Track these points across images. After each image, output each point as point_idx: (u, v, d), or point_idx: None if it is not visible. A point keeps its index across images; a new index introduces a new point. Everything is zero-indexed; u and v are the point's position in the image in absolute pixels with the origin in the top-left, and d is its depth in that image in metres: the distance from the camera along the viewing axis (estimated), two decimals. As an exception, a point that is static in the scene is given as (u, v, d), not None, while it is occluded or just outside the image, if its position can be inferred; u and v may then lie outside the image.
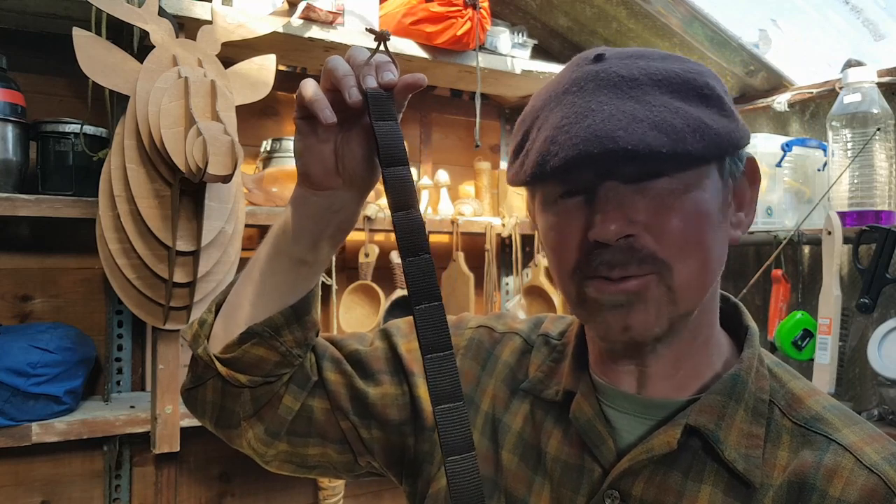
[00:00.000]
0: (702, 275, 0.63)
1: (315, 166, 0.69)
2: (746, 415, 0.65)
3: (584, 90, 0.62)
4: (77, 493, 1.63)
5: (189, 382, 0.78)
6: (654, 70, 0.61)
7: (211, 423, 0.79)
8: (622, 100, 0.60)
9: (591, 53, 0.65)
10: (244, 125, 1.57)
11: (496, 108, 2.21)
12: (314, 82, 0.65)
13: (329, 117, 0.63)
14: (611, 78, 0.61)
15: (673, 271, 0.61)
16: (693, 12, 1.82)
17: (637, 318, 0.62)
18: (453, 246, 1.91)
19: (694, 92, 0.61)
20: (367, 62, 0.64)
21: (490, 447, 0.75)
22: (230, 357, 0.73)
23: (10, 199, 1.36)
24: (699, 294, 0.64)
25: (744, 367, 0.67)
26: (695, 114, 0.59)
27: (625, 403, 0.69)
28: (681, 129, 0.58)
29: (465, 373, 0.80)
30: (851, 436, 0.64)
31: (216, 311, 0.78)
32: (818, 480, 0.61)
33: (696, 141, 0.58)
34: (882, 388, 1.57)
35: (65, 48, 1.28)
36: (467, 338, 0.83)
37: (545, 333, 0.80)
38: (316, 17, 1.53)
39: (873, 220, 1.60)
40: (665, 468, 0.64)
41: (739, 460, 0.63)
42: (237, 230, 1.44)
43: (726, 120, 0.62)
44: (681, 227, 0.61)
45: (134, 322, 1.67)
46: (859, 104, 1.62)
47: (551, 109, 0.63)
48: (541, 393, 0.74)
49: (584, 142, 0.57)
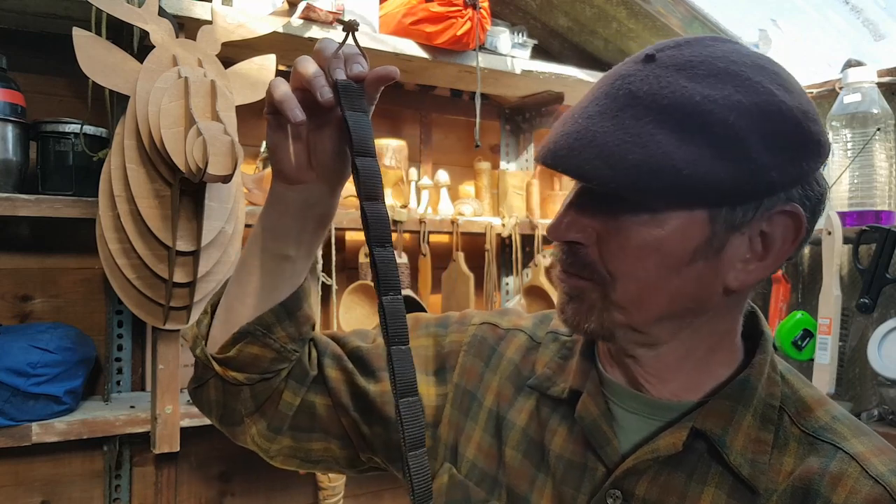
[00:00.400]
0: (641, 302, 0.63)
1: (287, 161, 0.70)
2: (754, 420, 0.65)
3: (593, 91, 0.63)
4: (77, 493, 1.63)
5: (192, 382, 0.80)
6: (670, 92, 0.59)
7: (216, 421, 0.81)
8: (604, 117, 0.60)
9: (652, 49, 0.63)
10: (244, 125, 1.57)
11: (496, 108, 2.21)
12: (284, 81, 0.66)
13: (298, 116, 0.63)
14: (619, 90, 0.60)
15: (616, 287, 0.62)
16: (693, 12, 1.82)
17: (570, 310, 0.65)
18: (453, 246, 1.91)
19: (697, 127, 0.57)
20: (335, 54, 0.65)
21: (493, 444, 0.75)
22: (225, 357, 0.74)
23: (10, 199, 1.36)
24: (640, 316, 0.63)
25: (754, 373, 0.66)
26: (671, 152, 0.57)
27: (633, 403, 0.68)
28: (636, 164, 0.57)
29: (468, 369, 0.80)
30: (859, 446, 0.63)
31: (212, 311, 0.78)
32: (822, 487, 0.61)
33: (648, 180, 0.57)
34: (882, 388, 1.57)
35: (65, 48, 1.28)
36: (470, 334, 0.83)
37: (554, 331, 0.80)
38: (316, 17, 1.53)
39: (873, 220, 1.60)
40: (669, 469, 0.65)
41: (745, 465, 0.63)
42: (237, 230, 1.44)
43: (728, 165, 0.57)
44: (619, 254, 0.62)
45: (134, 322, 1.67)
46: (859, 104, 1.62)
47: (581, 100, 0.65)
48: (547, 390, 0.74)
49: (544, 150, 0.61)
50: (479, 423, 0.77)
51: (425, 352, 0.82)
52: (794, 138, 0.60)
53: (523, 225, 1.98)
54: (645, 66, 0.61)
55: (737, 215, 0.60)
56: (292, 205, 0.72)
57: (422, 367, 0.81)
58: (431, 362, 0.82)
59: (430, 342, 0.83)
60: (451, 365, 0.81)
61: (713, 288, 0.63)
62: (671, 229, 0.60)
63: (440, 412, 0.80)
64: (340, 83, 0.64)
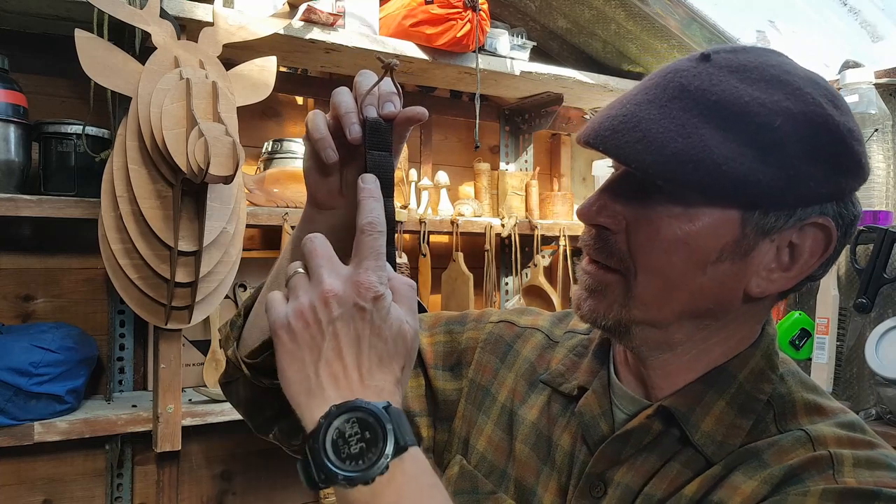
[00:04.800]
0: (661, 297, 0.63)
1: (318, 187, 0.72)
2: (729, 407, 0.65)
3: (644, 82, 0.63)
4: (79, 491, 1.63)
5: (223, 377, 0.83)
6: (721, 90, 0.59)
7: (244, 415, 0.84)
8: (652, 105, 0.60)
9: (709, 50, 0.63)
10: (245, 126, 1.58)
11: (495, 109, 2.22)
12: (321, 116, 0.67)
13: (330, 157, 0.65)
14: (672, 84, 0.60)
15: (638, 280, 0.62)
16: (691, 14, 1.83)
17: (589, 305, 0.65)
18: (453, 246, 1.92)
19: (742, 126, 0.58)
20: (370, 91, 0.66)
21: (504, 438, 0.77)
22: (254, 362, 0.76)
23: (13, 200, 1.36)
24: (658, 312, 0.63)
25: (734, 363, 0.66)
26: (714, 146, 0.57)
27: (630, 406, 0.70)
28: (676, 152, 0.57)
29: (483, 366, 0.82)
30: (827, 431, 0.62)
31: (244, 314, 0.80)
32: (767, 454, 0.61)
33: (687, 171, 0.57)
34: (879, 387, 1.58)
35: (67, 49, 1.29)
36: (487, 332, 0.84)
37: (572, 330, 0.81)
38: (317, 18, 1.54)
39: (871, 220, 1.61)
40: (646, 454, 0.66)
41: (709, 445, 0.63)
42: (238, 230, 1.45)
43: (768, 168, 0.57)
44: (648, 246, 0.62)
45: (136, 322, 1.68)
46: (857, 105, 1.63)
47: None
48: (559, 386, 0.75)
49: (589, 130, 0.61)
50: (491, 418, 0.79)
51: (443, 347, 0.84)
52: (837, 153, 0.59)
53: (522, 225, 1.99)
54: (699, 64, 0.61)
55: (769, 220, 0.60)
56: (321, 226, 0.73)
57: (439, 362, 0.83)
58: (448, 358, 0.84)
59: (448, 338, 0.85)
60: (466, 361, 0.83)
61: (735, 292, 0.63)
62: (702, 225, 0.60)
63: (455, 407, 0.82)
64: (370, 121, 0.65)
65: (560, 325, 0.83)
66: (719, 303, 0.63)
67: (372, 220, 0.58)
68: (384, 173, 0.65)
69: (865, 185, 0.66)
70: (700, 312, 0.64)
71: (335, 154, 0.66)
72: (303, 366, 0.54)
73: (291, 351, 0.54)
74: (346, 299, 0.54)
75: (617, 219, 0.63)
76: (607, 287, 0.64)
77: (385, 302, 0.55)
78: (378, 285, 0.54)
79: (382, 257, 0.56)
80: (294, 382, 0.54)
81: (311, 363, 0.54)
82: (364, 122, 0.65)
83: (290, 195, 1.65)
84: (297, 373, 0.54)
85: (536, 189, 2.09)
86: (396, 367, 0.55)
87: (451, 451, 0.80)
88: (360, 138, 0.65)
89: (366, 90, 0.66)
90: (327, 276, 0.55)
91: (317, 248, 0.57)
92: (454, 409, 0.81)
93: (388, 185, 0.65)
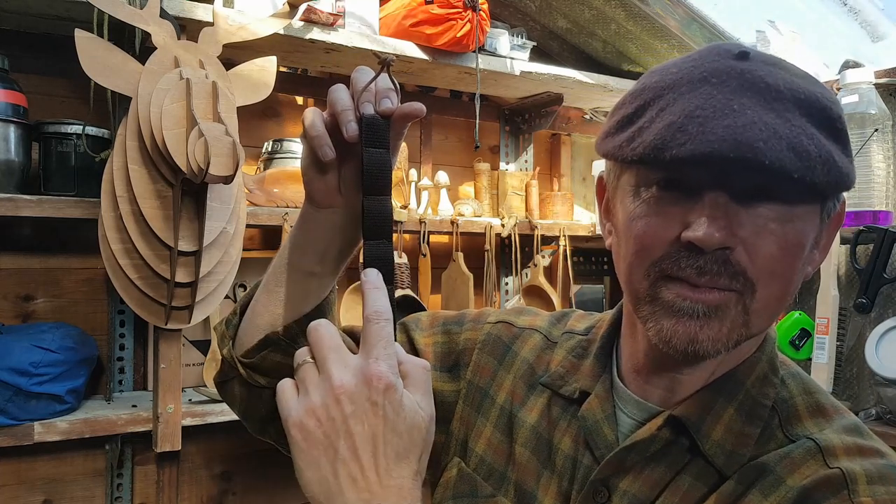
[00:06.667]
0: (778, 303, 0.62)
1: (316, 185, 0.71)
2: (738, 414, 0.64)
3: (724, 85, 0.58)
4: (79, 491, 1.63)
5: (218, 376, 0.82)
6: (797, 87, 0.58)
7: (239, 414, 0.83)
8: (764, 109, 0.56)
9: (735, 48, 0.61)
10: (245, 126, 1.58)
11: (495, 109, 2.22)
12: (318, 114, 0.67)
13: (327, 154, 0.65)
14: (756, 82, 0.57)
15: (756, 294, 0.59)
16: (691, 14, 1.83)
17: (709, 333, 0.59)
18: (453, 246, 1.92)
19: (829, 122, 0.58)
20: (366, 87, 0.65)
21: (504, 441, 0.76)
22: (250, 362, 0.76)
23: (13, 200, 1.36)
24: (769, 321, 0.63)
25: (742, 368, 0.66)
26: (826, 145, 0.56)
27: (642, 413, 0.69)
28: (814, 157, 0.55)
29: (481, 367, 0.81)
30: (836, 440, 0.62)
31: (240, 313, 0.80)
32: (779, 468, 0.61)
33: (823, 174, 0.55)
34: (879, 387, 1.58)
35: (67, 49, 1.29)
36: (485, 332, 0.83)
37: (570, 330, 0.80)
38: (317, 18, 1.54)
39: (871, 220, 1.61)
40: (653, 464, 0.65)
41: (720, 455, 0.63)
42: (238, 230, 1.45)
43: (847, 159, 0.59)
44: (777, 253, 0.59)
45: (136, 322, 1.68)
46: (857, 105, 1.63)
47: (682, 94, 0.58)
48: (559, 389, 0.75)
49: (720, 141, 0.54)
50: (489, 420, 0.78)
51: (440, 348, 0.84)
52: (848, 140, 0.62)
53: (522, 225, 1.99)
54: (750, 62, 0.59)
55: (829, 208, 0.62)
56: (319, 225, 0.73)
57: (437, 363, 0.83)
58: (446, 359, 0.83)
59: (446, 339, 0.84)
60: (464, 362, 0.83)
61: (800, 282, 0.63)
62: (804, 223, 0.60)
63: (453, 408, 0.81)
64: (366, 118, 0.64)
65: (558, 326, 0.82)
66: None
67: (377, 308, 0.56)
68: (381, 170, 0.64)
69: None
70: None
71: (332, 152, 0.65)
72: (319, 467, 0.53)
73: (306, 451, 0.54)
74: (359, 395, 0.53)
75: (736, 236, 0.58)
76: (725, 308, 0.59)
77: (397, 393, 0.53)
78: (389, 375, 0.53)
79: (392, 345, 0.55)
80: (312, 483, 0.53)
81: (328, 464, 0.53)
82: (361, 119, 0.64)
83: (290, 195, 1.65)
84: (315, 474, 0.53)
85: (536, 189, 2.09)
86: (413, 460, 0.54)
87: (448, 454, 0.80)
88: (357, 136, 0.64)
89: (362, 87, 0.65)
90: (336, 370, 0.54)
91: (323, 338, 0.56)
92: (452, 411, 0.81)
93: (386, 182, 0.65)
